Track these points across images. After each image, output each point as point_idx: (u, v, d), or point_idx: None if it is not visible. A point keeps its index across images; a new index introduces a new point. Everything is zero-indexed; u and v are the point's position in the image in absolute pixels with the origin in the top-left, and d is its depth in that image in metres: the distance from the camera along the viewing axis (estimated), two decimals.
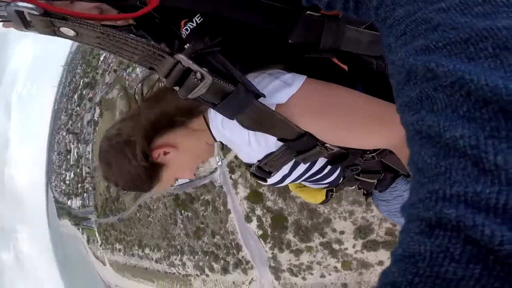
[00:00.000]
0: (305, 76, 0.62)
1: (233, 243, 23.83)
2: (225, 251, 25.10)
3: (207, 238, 27.12)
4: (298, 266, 18.78)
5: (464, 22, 0.25)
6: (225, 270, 25.94)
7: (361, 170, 0.78)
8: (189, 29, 0.68)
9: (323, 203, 0.95)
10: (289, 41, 0.62)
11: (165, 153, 0.78)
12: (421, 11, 0.29)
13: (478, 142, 0.21)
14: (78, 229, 75.50)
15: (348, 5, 0.40)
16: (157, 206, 35.46)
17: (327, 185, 0.85)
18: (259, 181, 0.82)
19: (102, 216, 54.43)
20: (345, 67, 0.71)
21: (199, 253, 29.09)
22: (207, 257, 27.84)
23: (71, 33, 0.49)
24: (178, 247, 33.12)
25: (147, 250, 41.52)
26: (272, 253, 20.17)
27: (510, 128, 0.21)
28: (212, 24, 0.63)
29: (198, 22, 0.64)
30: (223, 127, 0.69)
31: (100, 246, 61.55)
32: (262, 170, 0.74)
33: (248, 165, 0.78)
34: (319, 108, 0.61)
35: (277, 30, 0.62)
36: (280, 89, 0.60)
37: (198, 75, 0.53)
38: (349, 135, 0.64)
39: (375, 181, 0.87)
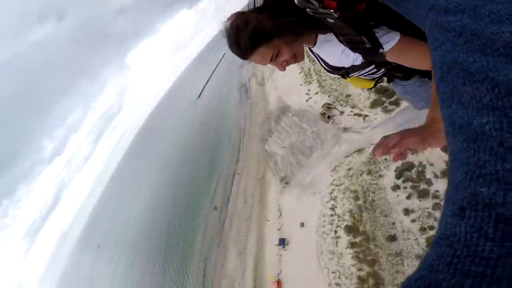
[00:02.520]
0: (399, 34, 1.01)
1: None
2: None
3: None
4: None
5: (476, 29, 0.33)
6: None
7: (393, 68, 1.26)
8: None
9: (371, 88, 1.47)
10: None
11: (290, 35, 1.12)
12: (448, 23, 0.38)
13: (502, 125, 0.25)
14: None
15: (399, 8, 0.60)
16: None
17: (374, 77, 1.34)
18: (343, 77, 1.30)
19: None
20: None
21: None
22: None
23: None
24: None
25: None
26: None
27: None
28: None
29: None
30: (343, 52, 1.12)
31: None
32: (347, 72, 1.22)
33: (337, 69, 1.24)
34: (402, 53, 1.05)
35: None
36: (388, 41, 1.00)
37: (368, 45, 0.98)
38: (412, 65, 1.11)
39: (401, 75, 1.36)
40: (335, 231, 15.83)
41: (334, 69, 1.26)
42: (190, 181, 44.11)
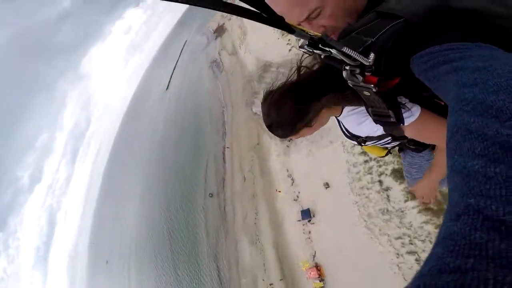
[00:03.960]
0: (420, 109, 1.02)
1: None
2: None
3: None
4: None
5: (480, 98, 0.44)
6: None
7: (408, 140, 1.32)
8: None
9: (384, 156, 1.55)
10: (423, 94, 0.99)
11: (325, 110, 1.16)
12: (457, 95, 0.49)
13: (486, 164, 0.35)
14: None
15: (431, 84, 0.67)
16: None
17: (388, 146, 1.40)
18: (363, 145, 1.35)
19: None
20: (442, 103, 1.08)
21: None
22: None
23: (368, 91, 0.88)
24: None
25: None
26: None
27: (504, 155, 0.35)
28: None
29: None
30: (364, 122, 1.14)
31: None
32: (364, 140, 1.27)
33: (355, 137, 1.28)
34: (421, 130, 1.07)
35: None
36: (408, 116, 1.01)
37: (393, 119, 1.01)
38: (430, 141, 1.18)
39: (414, 147, 1.43)
40: (380, 181, 11.21)
41: (352, 136, 1.30)
42: (178, 174, 39.72)
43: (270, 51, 25.07)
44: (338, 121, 1.32)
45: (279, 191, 16.94)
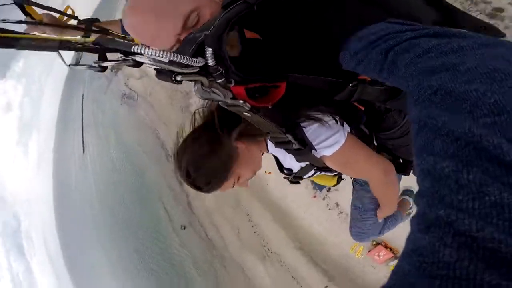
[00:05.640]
0: (346, 133, 0.93)
1: None
2: None
3: None
4: None
5: (451, 87, 0.38)
6: None
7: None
8: None
9: (335, 185, 1.39)
10: (335, 98, 0.88)
11: (240, 143, 1.04)
12: (427, 81, 0.42)
13: (458, 168, 0.32)
14: None
15: (382, 74, 0.57)
16: None
17: (334, 173, 1.27)
18: (294, 183, 1.22)
19: None
20: (362, 108, 1.04)
21: None
22: None
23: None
24: None
25: None
26: None
27: (478, 158, 0.31)
28: (290, 86, 0.84)
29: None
30: (286, 153, 1.06)
31: None
32: (296, 177, 1.16)
33: (288, 171, 1.18)
34: (345, 162, 0.97)
35: (327, 90, 0.86)
36: (330, 146, 0.90)
37: (293, 145, 0.88)
38: (353, 175, 1.15)
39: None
40: None
41: (287, 171, 1.19)
42: (138, 228, 34.07)
43: None
44: (274, 156, 1.20)
45: (269, 173, 12.72)
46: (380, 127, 1.15)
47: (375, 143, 1.26)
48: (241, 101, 0.71)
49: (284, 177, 1.23)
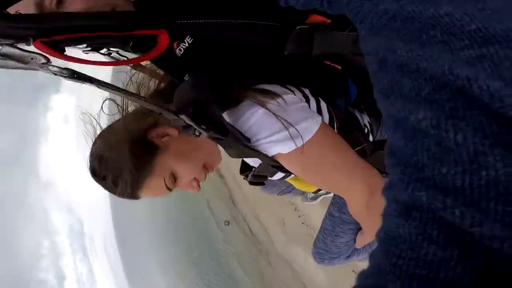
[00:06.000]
0: (318, 127, 0.66)
1: None
2: None
3: None
4: None
5: (412, 11, 0.27)
6: None
7: None
8: (182, 49, 0.74)
9: (316, 192, 1.13)
10: (285, 53, 0.71)
11: (161, 136, 0.82)
12: (382, 4, 0.31)
13: (439, 122, 0.22)
14: None
15: (323, 3, 0.44)
16: None
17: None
18: (257, 185, 0.97)
19: None
20: (339, 67, 0.79)
21: None
22: None
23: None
24: None
25: None
26: None
27: (466, 107, 0.22)
28: (203, 44, 0.70)
29: (190, 42, 0.70)
30: None
31: None
32: (256, 176, 0.88)
33: (251, 169, 0.91)
34: (309, 168, 0.70)
35: (269, 44, 0.70)
36: (283, 141, 0.65)
37: (197, 132, 0.66)
38: (322, 187, 0.85)
39: None
40: None
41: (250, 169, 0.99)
42: (185, 226, 34.69)
43: None
44: None
45: None
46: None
47: (372, 138, 0.90)
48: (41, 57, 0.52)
49: (244, 178, 0.95)
